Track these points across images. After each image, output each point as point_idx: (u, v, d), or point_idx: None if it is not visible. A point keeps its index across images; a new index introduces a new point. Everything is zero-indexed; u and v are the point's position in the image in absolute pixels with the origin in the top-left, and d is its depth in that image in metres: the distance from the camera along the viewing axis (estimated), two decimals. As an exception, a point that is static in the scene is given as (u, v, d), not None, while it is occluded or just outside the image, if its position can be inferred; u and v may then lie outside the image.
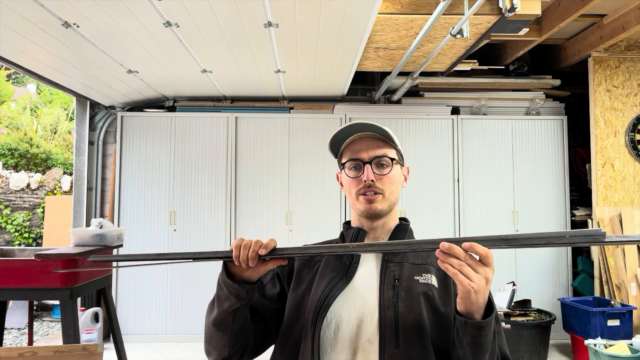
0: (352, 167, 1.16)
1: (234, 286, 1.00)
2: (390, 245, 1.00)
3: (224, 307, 1.02)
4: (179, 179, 4.75)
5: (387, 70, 4.26)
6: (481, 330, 0.90)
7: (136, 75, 3.90)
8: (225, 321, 1.03)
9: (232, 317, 1.02)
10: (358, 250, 0.99)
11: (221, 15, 2.73)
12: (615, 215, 4.38)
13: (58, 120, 9.37)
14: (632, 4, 3.73)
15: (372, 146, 1.16)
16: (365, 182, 1.12)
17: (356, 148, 1.16)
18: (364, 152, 1.15)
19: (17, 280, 2.65)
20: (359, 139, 1.17)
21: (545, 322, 3.89)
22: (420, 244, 0.94)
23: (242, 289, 1.00)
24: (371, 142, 1.17)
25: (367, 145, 1.16)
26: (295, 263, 1.20)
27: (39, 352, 1.71)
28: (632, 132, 4.50)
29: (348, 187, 1.17)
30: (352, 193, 1.16)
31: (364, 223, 1.18)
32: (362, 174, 1.13)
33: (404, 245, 0.98)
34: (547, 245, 0.90)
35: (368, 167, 1.13)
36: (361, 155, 1.15)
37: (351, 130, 1.17)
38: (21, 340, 4.99)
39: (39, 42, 3.06)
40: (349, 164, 1.16)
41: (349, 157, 1.16)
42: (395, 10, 3.11)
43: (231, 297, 1.00)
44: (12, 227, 6.16)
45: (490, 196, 4.77)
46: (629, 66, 4.56)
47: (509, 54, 4.69)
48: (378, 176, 1.14)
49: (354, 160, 1.15)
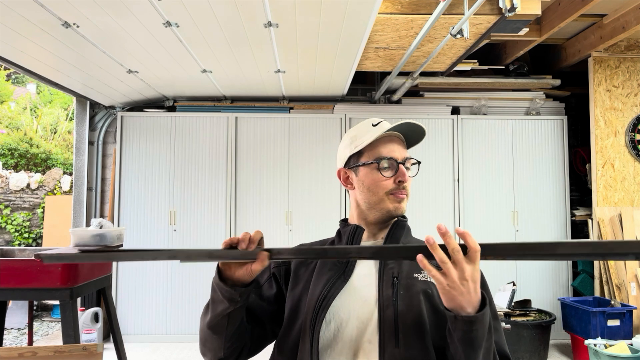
0: (386, 167, 1.13)
1: (227, 289, 0.97)
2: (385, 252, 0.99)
3: (218, 310, 1.00)
4: (179, 179, 4.75)
5: (387, 70, 4.26)
6: (471, 325, 0.86)
7: (136, 75, 3.90)
8: (219, 324, 1.01)
9: (226, 320, 1.00)
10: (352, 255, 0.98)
11: (221, 15, 2.73)
12: (615, 215, 4.38)
13: (58, 120, 9.37)
14: (632, 4, 3.73)
15: (402, 147, 1.17)
16: (400, 183, 1.12)
17: (391, 148, 1.15)
18: (397, 152, 1.14)
19: (17, 280, 2.65)
20: (392, 138, 1.17)
21: (546, 322, 3.89)
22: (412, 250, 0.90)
23: (235, 292, 0.97)
24: (400, 142, 1.18)
25: (399, 145, 1.16)
26: (292, 262, 1.17)
27: (39, 352, 1.71)
28: (632, 132, 4.50)
29: (375, 187, 1.13)
30: (379, 192, 1.12)
31: (361, 222, 1.16)
32: (398, 174, 1.12)
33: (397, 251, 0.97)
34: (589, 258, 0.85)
35: (403, 167, 1.13)
36: (396, 155, 1.14)
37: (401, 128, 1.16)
38: (21, 340, 4.99)
39: (39, 42, 3.06)
40: (385, 163, 1.13)
41: (385, 155, 1.13)
42: (395, 10, 3.11)
43: (225, 300, 0.98)
44: (12, 227, 6.15)
45: (490, 196, 4.77)
46: (629, 66, 4.56)
47: (509, 54, 4.69)
48: (408, 178, 1.15)
49: (390, 159, 1.13)
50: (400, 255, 0.99)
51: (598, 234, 4.37)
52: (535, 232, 4.74)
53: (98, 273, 3.03)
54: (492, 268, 4.66)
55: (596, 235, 4.40)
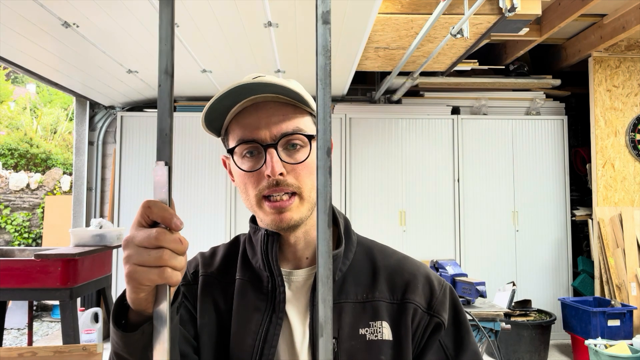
0: (245, 154, 0.77)
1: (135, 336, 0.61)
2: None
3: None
4: (178, 179, 4.74)
5: (387, 70, 4.26)
6: None
7: (136, 75, 3.89)
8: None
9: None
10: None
11: (221, 15, 2.73)
12: (616, 215, 4.38)
13: (58, 120, 9.37)
14: (632, 4, 3.73)
15: (276, 117, 0.76)
16: (269, 178, 0.74)
17: (249, 122, 0.76)
18: (263, 129, 0.75)
19: (17, 280, 2.65)
20: (252, 106, 0.77)
21: (546, 322, 3.89)
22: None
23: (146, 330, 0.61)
24: (273, 109, 0.76)
25: (268, 116, 0.76)
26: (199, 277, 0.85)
27: (38, 352, 1.71)
28: (633, 132, 4.50)
29: (243, 187, 0.79)
30: (251, 195, 0.77)
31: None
32: (264, 165, 0.75)
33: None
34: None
35: (272, 152, 0.74)
36: (259, 134, 0.75)
37: (239, 93, 0.75)
38: (21, 340, 4.99)
39: (39, 42, 3.05)
40: (241, 149, 0.77)
41: (240, 136, 0.77)
42: (395, 10, 3.11)
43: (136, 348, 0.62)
44: (12, 227, 6.15)
45: (491, 196, 4.77)
46: (629, 66, 4.56)
47: (509, 54, 4.69)
48: (290, 166, 0.76)
49: (248, 142, 0.76)
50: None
51: (598, 234, 4.37)
52: (535, 232, 4.74)
53: (98, 273, 3.02)
54: (492, 268, 4.67)
55: (596, 235, 4.40)
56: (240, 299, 0.80)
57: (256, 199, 0.77)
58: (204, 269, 0.86)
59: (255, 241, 0.84)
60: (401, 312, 0.77)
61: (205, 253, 0.90)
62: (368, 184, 4.74)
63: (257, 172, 0.76)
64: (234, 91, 0.74)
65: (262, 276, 0.81)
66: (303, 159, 0.76)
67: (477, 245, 4.71)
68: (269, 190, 0.75)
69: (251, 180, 0.76)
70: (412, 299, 0.78)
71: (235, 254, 0.87)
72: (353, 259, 0.82)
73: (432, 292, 0.80)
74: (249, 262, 0.84)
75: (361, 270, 0.81)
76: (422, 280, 0.80)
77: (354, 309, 0.77)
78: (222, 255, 0.88)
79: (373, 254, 0.84)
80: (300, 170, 0.76)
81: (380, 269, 0.81)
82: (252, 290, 0.81)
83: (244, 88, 0.74)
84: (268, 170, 0.74)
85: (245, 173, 0.77)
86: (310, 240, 0.82)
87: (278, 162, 0.74)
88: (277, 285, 0.79)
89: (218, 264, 0.87)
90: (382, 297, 0.78)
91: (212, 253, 0.90)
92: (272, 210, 0.76)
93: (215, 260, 0.87)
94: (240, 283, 0.82)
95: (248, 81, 0.74)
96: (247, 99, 0.76)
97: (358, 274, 0.80)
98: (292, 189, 0.75)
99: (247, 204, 0.80)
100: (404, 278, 0.80)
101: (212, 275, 0.85)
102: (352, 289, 0.79)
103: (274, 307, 0.78)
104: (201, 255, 0.89)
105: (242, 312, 0.79)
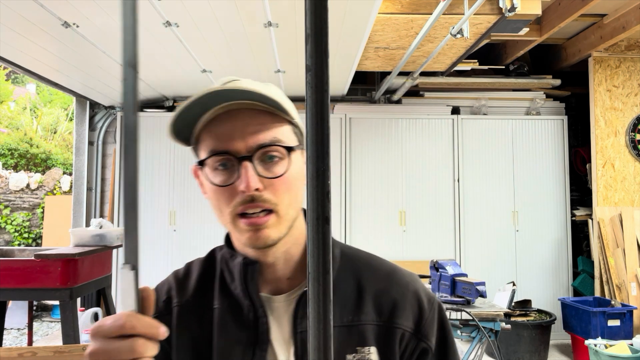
0: (218, 167, 0.70)
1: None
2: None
3: None
4: (179, 179, 4.74)
5: (387, 70, 4.26)
6: None
7: (136, 75, 3.89)
8: None
9: None
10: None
11: (221, 15, 2.73)
12: (616, 215, 4.38)
13: (58, 120, 9.37)
14: (632, 4, 3.73)
15: (252, 126, 0.69)
16: (244, 194, 0.67)
17: (222, 131, 0.69)
18: (237, 139, 0.68)
19: (17, 280, 2.64)
20: (226, 114, 0.70)
21: (546, 322, 3.89)
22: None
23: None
24: (249, 118, 0.69)
25: (243, 125, 0.69)
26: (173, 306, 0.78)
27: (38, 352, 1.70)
28: (633, 132, 4.50)
29: (216, 203, 0.71)
30: (225, 212, 0.70)
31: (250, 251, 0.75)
32: (238, 179, 0.68)
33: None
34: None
35: (247, 165, 0.68)
36: (233, 145, 0.68)
37: (211, 99, 0.68)
38: (21, 340, 4.99)
39: (39, 42, 3.06)
40: (213, 162, 0.70)
41: (212, 147, 0.70)
42: (395, 10, 3.11)
43: None
44: (12, 227, 6.15)
45: (491, 196, 4.77)
46: (629, 66, 4.56)
47: (509, 54, 4.69)
48: (267, 180, 0.69)
49: (221, 154, 0.69)
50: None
51: (598, 233, 4.37)
52: (535, 232, 4.74)
53: (98, 273, 3.03)
54: (492, 268, 4.66)
55: (596, 235, 4.40)
56: (221, 331, 0.74)
57: (230, 217, 0.70)
58: (179, 296, 0.79)
59: (232, 267, 0.76)
60: (389, 336, 0.73)
61: (179, 273, 0.82)
62: (368, 183, 4.74)
63: (231, 187, 0.68)
64: (205, 97, 0.67)
65: (242, 304, 0.74)
66: (281, 173, 0.69)
67: (477, 245, 4.71)
68: (243, 206, 0.68)
69: (224, 196, 0.69)
70: (400, 323, 0.74)
71: (211, 274, 0.80)
72: (336, 277, 0.76)
73: (421, 313, 0.76)
74: (228, 287, 0.77)
75: (346, 289, 0.75)
76: (411, 300, 0.76)
77: (339, 334, 0.72)
78: (198, 275, 0.80)
79: (358, 269, 0.78)
80: (278, 185, 0.69)
81: (366, 287, 0.76)
82: (232, 320, 0.74)
83: (217, 94, 0.67)
84: (242, 186, 0.67)
85: (218, 187, 0.69)
86: (290, 259, 0.76)
87: (254, 176, 0.67)
88: (259, 315, 0.73)
89: (194, 287, 0.79)
90: (369, 320, 0.74)
91: (187, 273, 0.82)
92: (248, 227, 0.69)
93: (190, 282, 0.80)
94: (219, 312, 0.75)
95: (220, 87, 0.68)
96: (220, 106, 0.69)
97: (342, 293, 0.75)
98: (268, 206, 0.68)
99: (220, 221, 0.73)
100: (391, 297, 0.76)
101: (188, 303, 0.78)
102: (336, 311, 0.73)
103: (257, 339, 0.73)
104: (175, 278, 0.82)
105: (223, 347, 0.74)
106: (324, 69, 0.35)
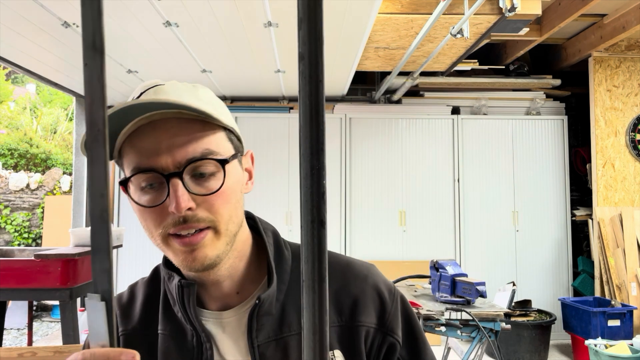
0: (144, 185, 0.62)
1: None
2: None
3: None
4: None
5: (387, 70, 4.26)
6: None
7: (136, 75, 3.89)
8: None
9: None
10: None
11: (221, 15, 2.73)
12: (616, 215, 4.38)
13: (58, 120, 9.36)
14: (632, 4, 3.73)
15: (180, 138, 0.62)
16: (174, 215, 0.60)
17: (146, 146, 0.62)
18: (164, 154, 0.61)
19: (17, 280, 2.64)
20: (149, 124, 0.62)
21: (546, 322, 3.89)
22: None
23: None
24: (176, 128, 0.62)
25: (169, 137, 0.61)
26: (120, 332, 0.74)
27: (38, 353, 1.70)
28: (633, 132, 4.50)
29: (144, 222, 0.64)
30: (154, 234, 0.63)
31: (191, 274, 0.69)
32: (167, 199, 0.61)
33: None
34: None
35: (177, 183, 0.60)
36: (159, 161, 0.61)
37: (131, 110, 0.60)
38: (21, 340, 4.99)
39: (39, 42, 3.05)
40: (137, 180, 0.62)
41: (136, 164, 0.62)
42: (395, 10, 3.11)
43: None
44: (12, 227, 6.15)
45: (491, 196, 4.77)
46: (629, 66, 4.56)
47: (509, 54, 4.69)
48: (200, 197, 0.62)
49: (146, 171, 0.61)
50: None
51: (598, 233, 4.37)
52: (535, 232, 4.74)
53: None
54: (492, 268, 4.66)
55: (596, 235, 4.40)
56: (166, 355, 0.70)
57: (161, 238, 0.62)
58: (124, 324, 0.73)
59: (171, 289, 0.70)
60: (353, 336, 0.70)
61: (123, 298, 0.77)
62: (368, 183, 4.74)
63: (160, 207, 0.61)
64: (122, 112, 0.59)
65: (185, 329, 0.70)
66: (216, 188, 0.62)
67: (477, 245, 4.71)
68: (175, 228, 0.61)
69: (152, 217, 0.62)
70: (363, 321, 0.71)
71: (156, 297, 0.74)
72: (290, 280, 0.71)
73: (384, 306, 0.72)
74: (171, 310, 0.72)
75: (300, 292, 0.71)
76: (371, 295, 0.73)
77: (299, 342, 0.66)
78: (143, 299, 0.75)
79: None
80: (214, 200, 0.62)
81: None
82: (175, 348, 0.69)
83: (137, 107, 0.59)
84: (172, 207, 0.59)
85: (145, 208, 0.61)
86: (236, 274, 0.70)
87: (184, 194, 0.60)
88: (202, 341, 0.68)
89: (139, 313, 0.74)
90: (330, 322, 0.68)
91: (130, 297, 0.76)
92: (182, 248, 0.62)
93: (134, 308, 0.74)
94: (162, 339, 0.70)
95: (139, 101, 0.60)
96: (141, 117, 0.61)
97: (298, 298, 0.69)
98: (204, 225, 0.62)
99: (152, 242, 0.66)
100: (350, 294, 0.72)
101: (135, 331, 0.72)
102: (294, 318, 0.68)
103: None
104: (118, 303, 0.76)
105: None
106: (319, 56, 0.31)
